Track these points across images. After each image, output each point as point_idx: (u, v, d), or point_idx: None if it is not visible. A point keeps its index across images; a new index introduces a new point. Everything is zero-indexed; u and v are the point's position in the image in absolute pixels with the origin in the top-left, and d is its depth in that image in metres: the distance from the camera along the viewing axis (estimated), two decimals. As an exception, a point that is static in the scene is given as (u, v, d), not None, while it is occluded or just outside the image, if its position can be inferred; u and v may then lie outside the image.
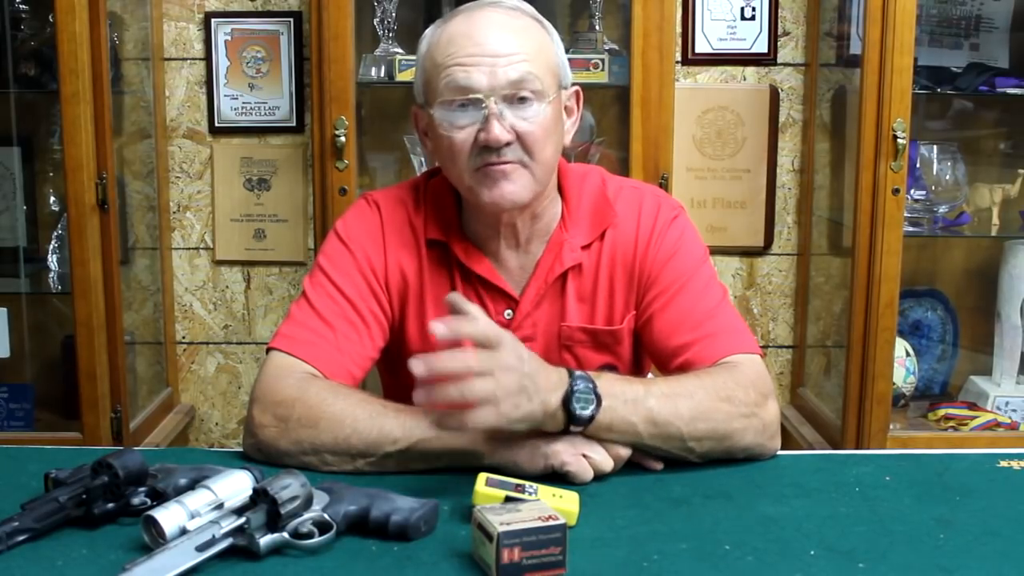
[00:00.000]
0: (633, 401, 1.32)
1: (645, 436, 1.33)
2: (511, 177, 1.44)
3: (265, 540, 1.09)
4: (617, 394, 1.31)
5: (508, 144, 1.42)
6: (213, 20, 2.72)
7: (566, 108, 1.53)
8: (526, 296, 1.54)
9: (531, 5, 1.53)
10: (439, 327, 1.22)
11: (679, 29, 2.67)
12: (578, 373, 1.31)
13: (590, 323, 1.56)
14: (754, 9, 2.73)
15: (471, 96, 1.42)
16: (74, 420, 2.38)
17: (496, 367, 1.23)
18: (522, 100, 1.43)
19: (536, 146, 1.44)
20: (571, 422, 1.30)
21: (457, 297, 1.29)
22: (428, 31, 1.51)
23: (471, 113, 1.43)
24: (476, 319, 1.25)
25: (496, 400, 1.23)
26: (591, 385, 1.30)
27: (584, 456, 1.31)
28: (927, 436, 2.42)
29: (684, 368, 1.47)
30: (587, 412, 1.29)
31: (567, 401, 1.29)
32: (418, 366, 1.21)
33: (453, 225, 1.55)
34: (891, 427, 2.39)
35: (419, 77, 1.52)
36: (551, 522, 1.06)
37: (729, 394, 1.37)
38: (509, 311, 1.54)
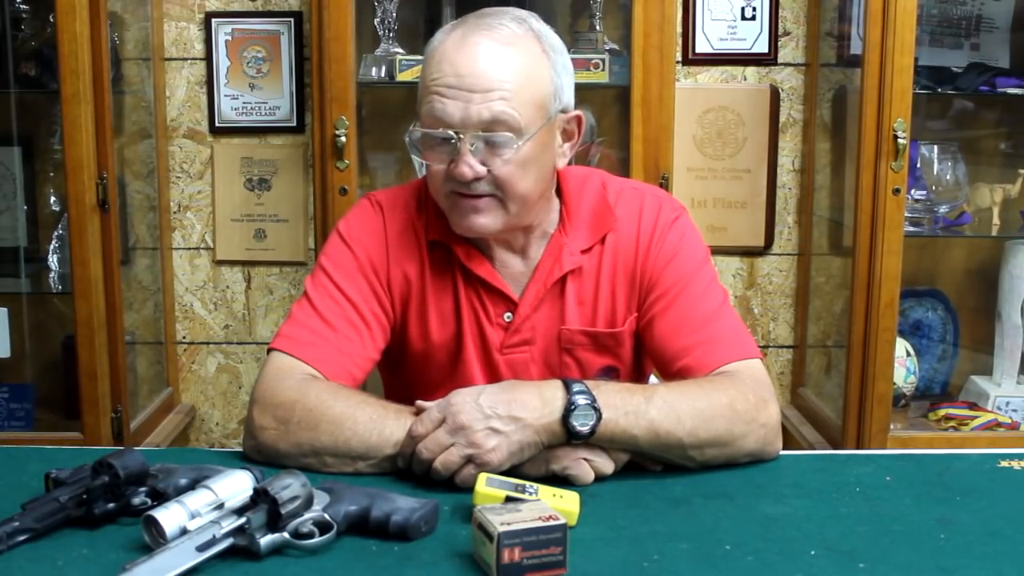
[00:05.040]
0: (634, 413, 1.31)
1: (646, 446, 1.33)
2: (482, 211, 1.45)
3: (265, 540, 1.09)
4: (618, 406, 1.31)
5: (478, 179, 1.42)
6: (213, 20, 2.72)
7: (565, 131, 1.51)
8: (525, 299, 1.54)
9: (535, 19, 1.48)
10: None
11: (679, 29, 2.67)
12: (576, 387, 1.30)
13: (591, 326, 1.55)
14: (754, 9, 2.73)
15: (444, 130, 1.41)
16: (74, 420, 2.38)
17: (450, 432, 1.27)
18: (497, 138, 1.40)
19: (507, 184, 1.43)
20: (571, 436, 1.30)
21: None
22: (436, 35, 1.48)
23: (445, 143, 1.42)
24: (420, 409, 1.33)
25: (472, 458, 1.26)
26: (590, 399, 1.29)
27: (584, 459, 1.31)
28: (928, 436, 2.42)
29: (685, 371, 1.47)
30: (587, 428, 1.29)
31: (566, 417, 1.28)
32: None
33: None
34: (892, 427, 2.39)
35: (420, 82, 1.51)
36: (551, 522, 1.06)
37: (730, 401, 1.37)
38: (508, 314, 1.54)
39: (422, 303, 1.55)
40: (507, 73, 1.40)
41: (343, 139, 2.34)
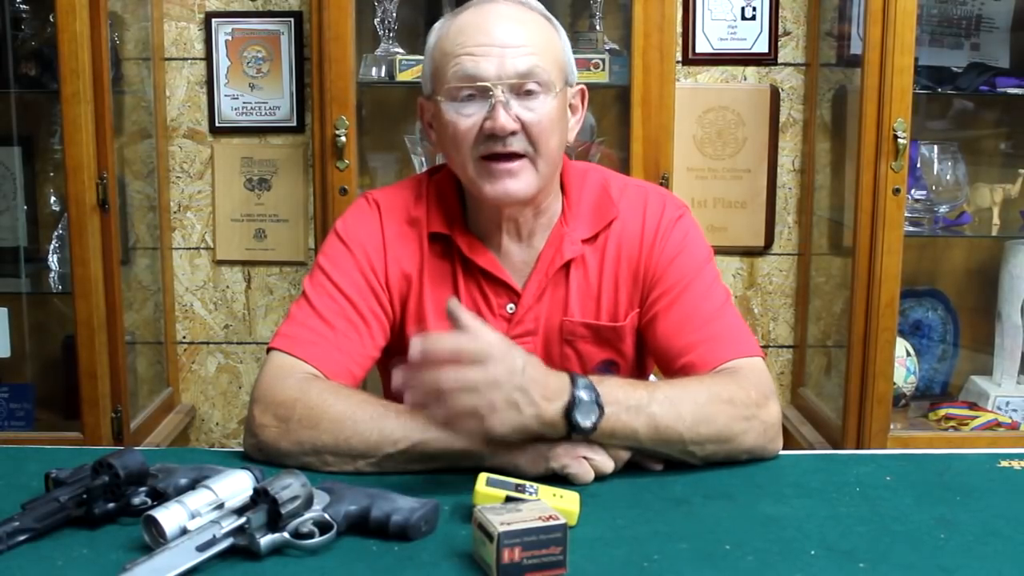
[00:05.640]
0: (636, 408, 1.31)
1: (647, 442, 1.33)
2: (516, 174, 1.45)
3: (266, 540, 1.09)
4: (620, 400, 1.31)
5: (513, 133, 1.43)
6: (214, 20, 2.72)
7: (571, 106, 1.54)
8: (528, 289, 1.54)
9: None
10: (423, 343, 1.21)
11: (679, 29, 2.67)
12: (581, 381, 1.30)
13: (593, 319, 1.56)
14: (755, 9, 2.73)
15: (479, 84, 1.43)
16: (74, 420, 2.39)
17: (482, 382, 1.21)
18: (529, 91, 1.44)
19: (541, 137, 1.45)
20: (572, 431, 1.29)
21: (454, 305, 1.26)
22: (438, 24, 1.53)
23: (478, 101, 1.44)
24: (470, 330, 1.24)
25: (480, 415, 1.22)
26: (594, 395, 1.29)
27: (585, 458, 1.31)
28: (928, 436, 2.42)
29: (687, 368, 1.47)
30: (589, 423, 1.28)
31: (569, 412, 1.28)
32: (415, 349, 1.21)
33: (456, 218, 1.55)
34: (892, 427, 2.39)
35: (427, 67, 1.53)
36: (551, 522, 1.06)
37: (731, 398, 1.37)
38: (511, 305, 1.54)
39: (421, 299, 1.55)
40: (531, 32, 1.47)
41: (343, 139, 2.34)
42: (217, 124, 2.76)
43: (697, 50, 2.74)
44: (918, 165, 2.48)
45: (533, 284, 1.54)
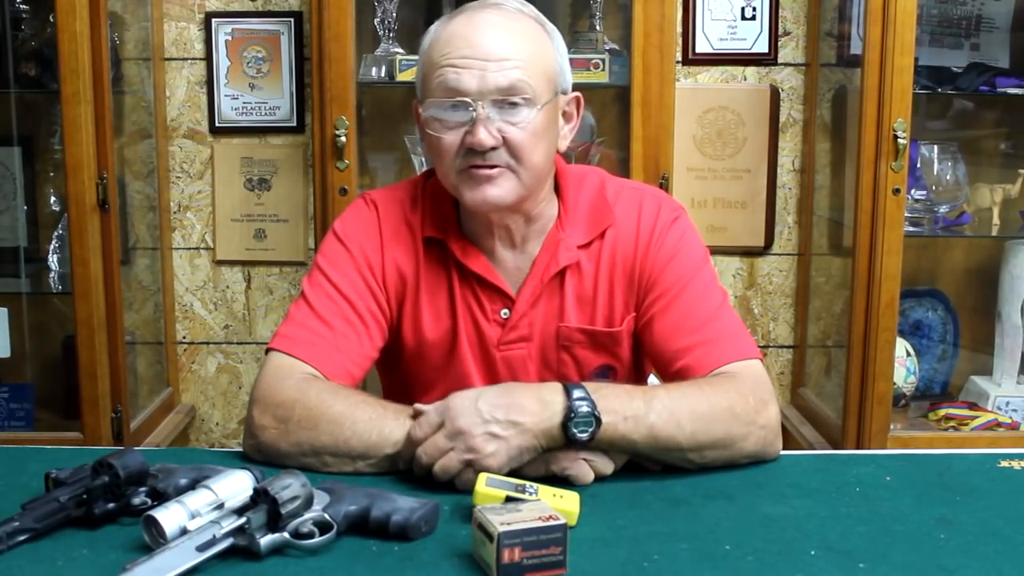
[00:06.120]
0: (634, 418, 1.31)
1: (646, 451, 1.33)
2: (495, 181, 1.45)
3: (266, 540, 1.09)
4: (617, 410, 1.31)
5: (494, 148, 1.43)
6: (214, 20, 2.72)
7: (564, 113, 1.53)
8: (522, 295, 1.54)
9: (532, 6, 1.53)
10: None
11: (679, 29, 2.67)
12: (577, 393, 1.29)
13: (589, 324, 1.55)
14: (755, 9, 2.73)
15: (459, 100, 1.42)
16: (74, 420, 2.39)
17: (443, 444, 1.26)
18: (512, 105, 1.42)
19: (524, 152, 1.44)
20: (570, 442, 1.29)
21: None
22: (432, 27, 1.51)
23: (460, 115, 1.43)
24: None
25: (471, 463, 1.25)
26: (591, 406, 1.29)
27: (584, 460, 1.31)
28: (928, 436, 2.42)
29: (684, 372, 1.47)
30: (586, 435, 1.28)
31: (566, 424, 1.28)
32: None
33: (451, 223, 1.55)
34: (892, 427, 2.39)
35: (419, 72, 1.53)
36: (551, 522, 1.06)
37: (730, 404, 1.36)
38: (505, 310, 1.54)
39: (417, 301, 1.55)
40: (519, 44, 1.44)
41: (343, 139, 2.34)
42: (217, 124, 2.76)
43: (697, 50, 2.74)
44: (918, 165, 2.47)
45: (527, 290, 1.54)
